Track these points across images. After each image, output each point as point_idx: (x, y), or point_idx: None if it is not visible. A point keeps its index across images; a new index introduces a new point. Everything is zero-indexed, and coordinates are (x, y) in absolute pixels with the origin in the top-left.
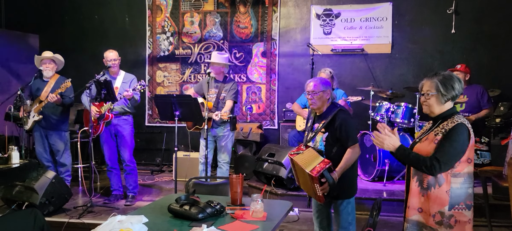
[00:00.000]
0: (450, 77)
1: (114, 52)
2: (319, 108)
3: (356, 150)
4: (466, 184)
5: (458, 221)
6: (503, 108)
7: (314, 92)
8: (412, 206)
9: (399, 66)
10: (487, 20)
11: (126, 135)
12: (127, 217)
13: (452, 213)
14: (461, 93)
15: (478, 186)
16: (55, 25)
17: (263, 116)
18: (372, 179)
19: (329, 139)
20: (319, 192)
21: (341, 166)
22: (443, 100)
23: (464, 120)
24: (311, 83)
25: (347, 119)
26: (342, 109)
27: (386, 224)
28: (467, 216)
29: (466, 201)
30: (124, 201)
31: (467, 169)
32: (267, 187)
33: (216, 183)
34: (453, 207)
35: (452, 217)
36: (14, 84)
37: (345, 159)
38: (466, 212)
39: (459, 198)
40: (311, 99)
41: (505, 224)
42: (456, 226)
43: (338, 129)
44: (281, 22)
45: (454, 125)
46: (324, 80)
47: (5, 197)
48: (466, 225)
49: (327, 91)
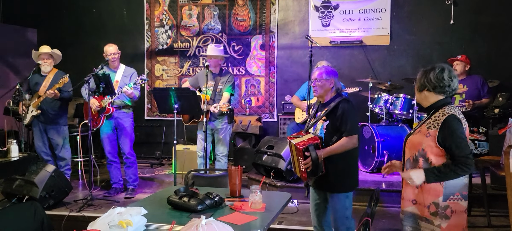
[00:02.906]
0: (439, 70)
1: (113, 46)
2: (321, 96)
3: (352, 141)
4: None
5: (454, 211)
6: (502, 99)
7: (317, 79)
8: (407, 198)
9: (397, 58)
10: (485, 11)
11: (127, 128)
12: (126, 209)
13: (447, 203)
14: (451, 82)
15: (476, 176)
16: (53, 19)
17: (262, 108)
18: (371, 170)
19: (330, 128)
20: (302, 166)
21: (331, 148)
22: (434, 92)
23: (455, 110)
24: (316, 72)
25: (349, 109)
26: (346, 99)
27: (385, 215)
28: (463, 206)
29: (462, 191)
30: (124, 194)
31: None
32: (266, 179)
33: (215, 175)
34: (448, 198)
35: (448, 208)
36: (12, 79)
37: (338, 144)
38: (463, 202)
39: (454, 189)
40: (313, 86)
41: (503, 214)
42: (453, 217)
43: (338, 118)
44: (279, 14)
45: (445, 117)
46: (329, 70)
47: (5, 191)
48: (462, 215)
49: (330, 80)
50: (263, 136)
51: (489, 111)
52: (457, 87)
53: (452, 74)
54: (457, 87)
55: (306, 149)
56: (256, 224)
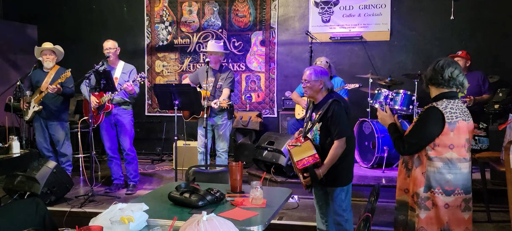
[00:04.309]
0: (436, 62)
1: (111, 42)
2: (312, 97)
3: (340, 144)
4: (445, 170)
5: (435, 204)
6: (502, 94)
7: (306, 81)
8: (399, 187)
9: (397, 54)
10: (486, 7)
11: (126, 124)
12: (128, 204)
13: (428, 195)
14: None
15: (476, 171)
16: (53, 16)
17: (262, 104)
18: (371, 166)
19: (323, 129)
20: (301, 180)
21: (327, 162)
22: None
23: (441, 105)
24: (306, 72)
25: (338, 111)
26: (336, 100)
27: (385, 210)
28: (443, 201)
29: (444, 186)
30: (125, 190)
31: (449, 155)
32: (267, 175)
33: (215, 171)
34: (429, 190)
35: (428, 199)
36: (13, 75)
37: (330, 154)
38: (443, 197)
39: (436, 182)
40: (303, 87)
41: (503, 209)
42: (433, 209)
43: (328, 120)
44: (279, 10)
45: (426, 108)
46: (319, 70)
47: (7, 187)
48: (442, 209)
49: (319, 81)
50: (264, 132)
51: (489, 107)
52: (456, 78)
53: (445, 64)
54: (456, 78)
55: (305, 170)
56: (257, 220)
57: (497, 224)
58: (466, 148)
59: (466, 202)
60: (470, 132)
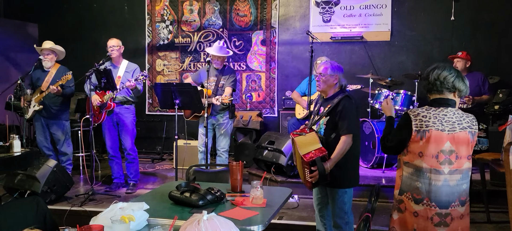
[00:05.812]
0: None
1: (115, 40)
2: (324, 91)
3: (348, 140)
4: (414, 177)
5: (407, 209)
6: (502, 95)
7: (321, 74)
8: (395, 186)
9: (398, 54)
10: (486, 8)
11: (128, 124)
12: (128, 204)
13: (402, 198)
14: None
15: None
16: (54, 14)
17: (263, 104)
18: (371, 166)
19: (330, 124)
20: (308, 177)
21: (334, 157)
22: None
23: (415, 111)
24: (322, 66)
25: (349, 106)
26: (348, 96)
27: (385, 210)
28: (413, 208)
29: (413, 193)
30: (125, 189)
31: (418, 162)
32: (267, 174)
33: (216, 170)
34: (403, 193)
35: (402, 202)
36: (13, 74)
37: (338, 148)
38: (413, 204)
39: (407, 187)
40: (317, 80)
41: (503, 210)
42: (405, 212)
43: (338, 114)
44: (280, 10)
45: (404, 112)
46: (336, 65)
47: (7, 186)
48: (411, 216)
49: (335, 75)
50: (264, 131)
51: (489, 107)
52: (444, 80)
53: (434, 67)
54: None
55: (313, 162)
56: (257, 219)
57: (497, 225)
58: (441, 160)
59: (442, 217)
60: (458, 143)
